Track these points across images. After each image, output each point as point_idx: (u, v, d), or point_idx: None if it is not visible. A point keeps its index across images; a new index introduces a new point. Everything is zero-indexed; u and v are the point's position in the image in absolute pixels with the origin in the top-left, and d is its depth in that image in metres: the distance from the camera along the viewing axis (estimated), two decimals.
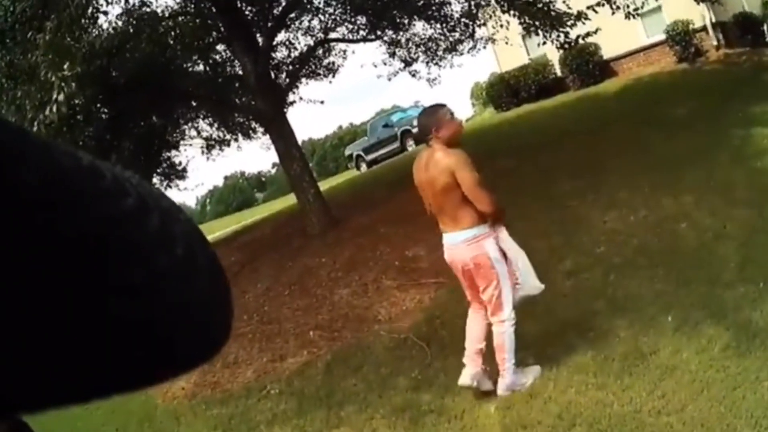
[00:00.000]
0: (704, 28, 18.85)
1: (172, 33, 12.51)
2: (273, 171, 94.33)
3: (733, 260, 5.68)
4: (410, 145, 24.35)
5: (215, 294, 0.50)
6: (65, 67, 8.01)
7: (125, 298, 0.40)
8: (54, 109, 8.06)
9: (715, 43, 19.03)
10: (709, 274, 5.51)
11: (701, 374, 4.21)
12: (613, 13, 11.38)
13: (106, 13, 11.04)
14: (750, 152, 8.41)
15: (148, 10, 12.30)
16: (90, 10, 9.34)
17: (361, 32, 14.36)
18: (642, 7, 12.86)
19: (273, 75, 13.08)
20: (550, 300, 5.84)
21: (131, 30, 11.61)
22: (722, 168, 7.80)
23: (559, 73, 20.68)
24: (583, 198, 7.94)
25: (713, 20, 18.75)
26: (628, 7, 11.56)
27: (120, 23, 11.98)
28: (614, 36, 15.80)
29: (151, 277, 0.42)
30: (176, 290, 0.44)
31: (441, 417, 4.67)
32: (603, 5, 11.06)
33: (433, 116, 4.73)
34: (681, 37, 18.67)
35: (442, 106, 4.83)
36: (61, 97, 8.00)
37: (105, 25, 11.68)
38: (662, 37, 19.27)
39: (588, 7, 10.80)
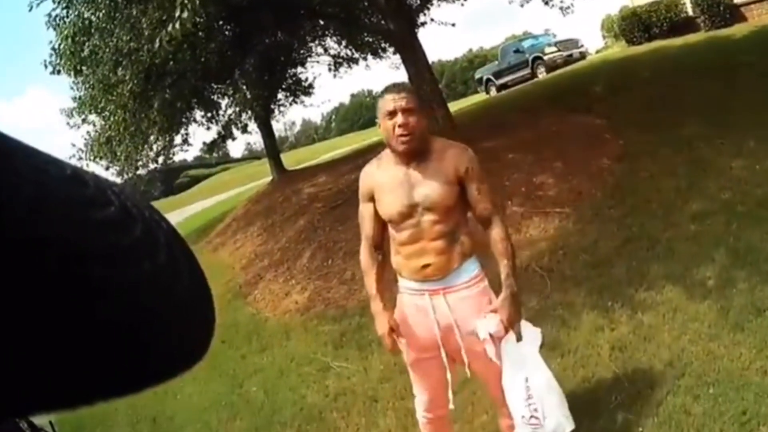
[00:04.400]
0: None
1: None
2: None
3: None
4: (541, 72, 23.81)
5: (197, 299, 0.49)
6: None
7: (108, 303, 0.39)
8: (177, 25, 7.98)
9: None
10: None
11: None
12: None
13: None
14: None
15: None
16: None
17: None
18: None
19: None
20: (673, 241, 5.72)
21: None
22: None
23: (690, 12, 19.49)
24: (711, 142, 7.58)
25: None
26: None
27: None
28: None
29: (134, 283, 0.41)
30: (158, 296, 0.44)
31: (554, 351, 4.70)
32: None
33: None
34: None
35: (398, 88, 3.10)
36: (185, 15, 7.91)
37: None
38: None
39: None
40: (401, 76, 26.41)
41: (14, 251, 0.35)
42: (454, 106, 16.14)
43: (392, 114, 2.95)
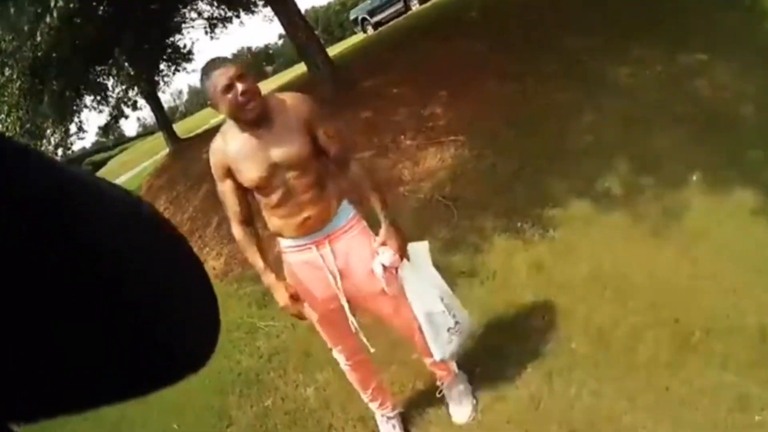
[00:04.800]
0: None
1: None
2: (280, 43, 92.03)
3: (754, 121, 5.45)
4: (414, 4, 23.54)
5: (207, 301, 0.51)
6: None
7: (133, 306, 0.40)
8: (54, 15, 8.14)
9: None
10: (730, 134, 5.30)
11: (732, 240, 4.12)
12: None
13: None
14: None
15: None
16: None
17: None
18: None
19: None
20: (573, 155, 5.74)
21: None
22: (738, 25, 7.45)
23: None
24: (595, 54, 7.53)
25: None
26: None
27: None
28: None
29: (156, 284, 0.43)
30: (177, 298, 0.45)
31: (474, 278, 4.62)
32: None
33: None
34: None
35: (222, 62, 2.82)
36: (60, 3, 8.02)
37: None
38: None
39: None
40: (276, 28, 25.87)
41: (40, 250, 0.35)
42: (333, 51, 15.81)
43: (229, 87, 2.77)
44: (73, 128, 15.64)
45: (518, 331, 3.99)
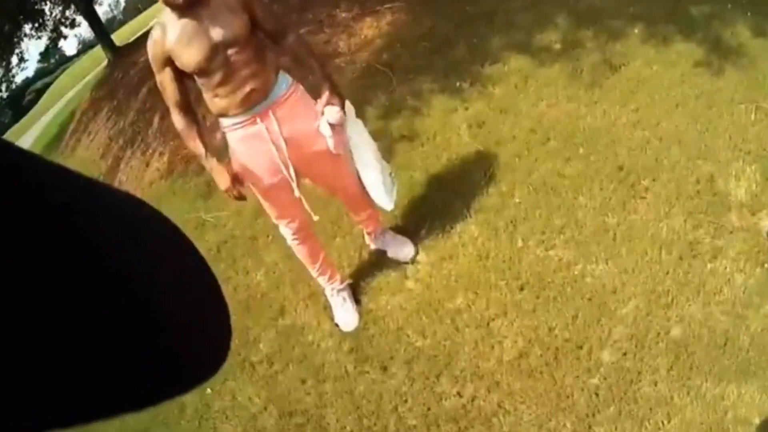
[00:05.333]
0: None
1: None
2: None
3: None
4: None
5: (216, 304, 0.49)
6: None
7: (139, 311, 0.38)
8: None
9: None
10: None
11: (674, 90, 4.04)
12: None
13: None
14: None
15: None
16: None
17: None
18: None
19: None
20: (511, 12, 5.54)
21: None
22: None
23: None
24: None
25: None
26: None
27: None
28: None
29: (163, 289, 0.41)
30: (184, 302, 0.44)
31: (414, 142, 4.50)
32: None
33: None
34: None
35: None
36: None
37: None
38: None
39: None
40: None
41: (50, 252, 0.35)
42: None
43: None
44: (14, 60, 15.40)
45: (461, 188, 3.92)
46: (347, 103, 3.21)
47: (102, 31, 18.37)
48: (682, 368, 2.65)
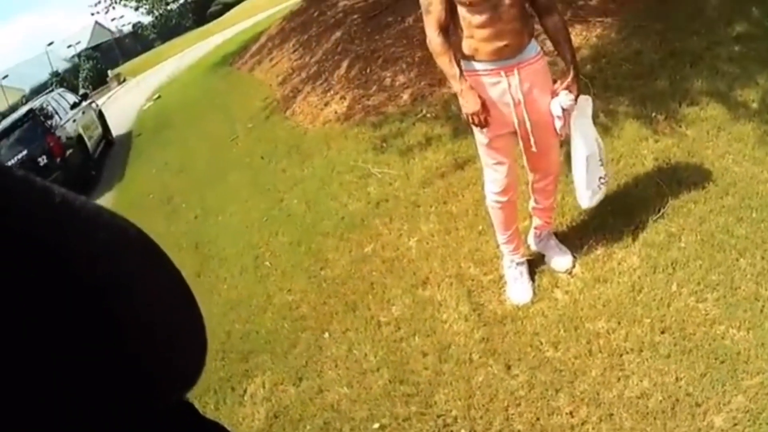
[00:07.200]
0: None
1: None
2: None
3: None
4: None
5: (194, 324, 0.49)
6: None
7: (119, 331, 0.39)
8: None
9: None
10: None
11: None
12: None
13: None
14: None
15: None
16: None
17: None
18: None
19: None
20: (716, 60, 5.44)
21: None
22: None
23: None
24: None
25: None
26: None
27: None
28: None
29: (143, 310, 0.42)
30: (163, 322, 0.45)
31: None
32: None
33: None
34: None
35: None
36: None
37: None
38: None
39: None
40: None
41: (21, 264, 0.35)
42: None
43: None
44: None
45: (632, 217, 4.00)
46: (586, 100, 3.40)
47: None
48: None
